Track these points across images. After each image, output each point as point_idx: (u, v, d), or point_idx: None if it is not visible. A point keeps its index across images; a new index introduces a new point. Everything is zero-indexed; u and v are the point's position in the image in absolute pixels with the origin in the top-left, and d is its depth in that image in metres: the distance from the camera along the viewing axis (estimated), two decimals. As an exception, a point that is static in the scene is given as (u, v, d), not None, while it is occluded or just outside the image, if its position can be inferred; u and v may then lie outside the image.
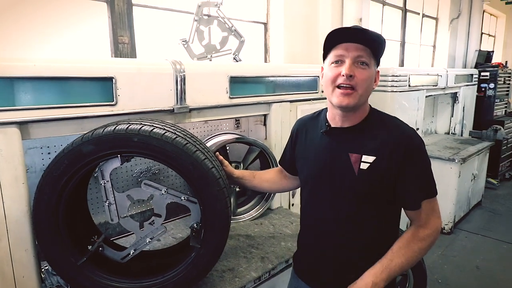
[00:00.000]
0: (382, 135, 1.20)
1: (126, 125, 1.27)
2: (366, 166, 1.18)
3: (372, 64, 1.17)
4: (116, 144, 1.27)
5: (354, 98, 1.16)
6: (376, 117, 1.26)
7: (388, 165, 1.16)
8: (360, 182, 1.20)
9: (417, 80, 3.88)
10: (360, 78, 1.14)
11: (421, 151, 1.20)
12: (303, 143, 1.41)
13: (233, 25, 2.24)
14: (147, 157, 1.34)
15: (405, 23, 5.21)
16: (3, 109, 1.26)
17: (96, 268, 1.42)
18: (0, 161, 1.27)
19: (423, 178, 1.19)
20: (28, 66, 1.29)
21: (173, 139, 1.28)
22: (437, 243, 3.77)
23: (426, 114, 5.03)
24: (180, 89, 1.72)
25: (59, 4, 2.02)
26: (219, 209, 1.35)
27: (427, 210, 1.20)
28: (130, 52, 2.18)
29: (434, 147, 4.37)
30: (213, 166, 1.34)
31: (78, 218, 1.51)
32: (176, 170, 1.34)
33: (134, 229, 1.47)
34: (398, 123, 1.25)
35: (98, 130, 1.27)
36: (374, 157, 1.18)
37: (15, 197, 1.31)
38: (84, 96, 1.45)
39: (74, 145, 1.25)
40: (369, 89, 1.19)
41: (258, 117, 2.52)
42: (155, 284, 1.41)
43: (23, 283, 1.36)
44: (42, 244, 1.32)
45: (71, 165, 1.26)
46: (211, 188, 1.33)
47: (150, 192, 1.44)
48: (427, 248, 1.21)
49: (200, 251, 1.40)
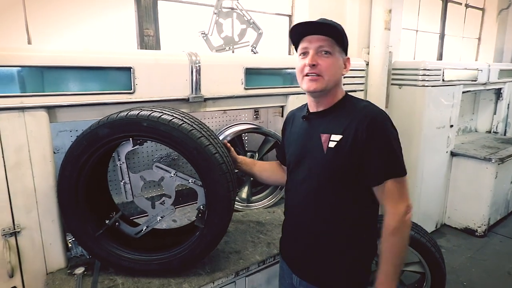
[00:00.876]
0: (351, 115, 1.25)
1: (137, 111, 1.39)
2: (333, 145, 1.24)
3: (336, 52, 1.26)
4: (128, 128, 1.39)
5: (320, 83, 1.25)
6: (348, 101, 1.33)
7: (353, 142, 1.21)
8: (328, 159, 1.26)
9: (453, 74, 3.69)
10: (324, 66, 1.24)
11: (385, 127, 1.22)
12: (289, 133, 1.50)
13: (251, 17, 2.29)
14: (156, 141, 1.44)
15: (445, 14, 4.93)
16: (34, 95, 1.42)
17: (112, 240, 1.56)
18: (31, 141, 1.44)
19: (386, 153, 1.21)
20: (55, 56, 1.44)
21: (179, 125, 1.38)
22: (466, 246, 3.64)
23: (464, 111, 4.76)
24: (196, 79, 1.81)
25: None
26: (222, 193, 1.43)
27: (393, 192, 1.21)
28: (154, 44, 2.31)
29: (470, 146, 4.14)
30: (216, 152, 1.42)
31: (98, 195, 1.67)
32: (182, 154, 1.43)
33: (147, 207, 1.60)
34: (367, 104, 1.29)
35: (113, 115, 1.39)
36: (341, 135, 1.24)
37: (44, 173, 1.48)
38: (105, 84, 1.58)
39: (92, 128, 1.39)
40: (336, 74, 1.27)
41: (276, 108, 2.57)
42: (163, 258, 1.52)
43: (50, 249, 1.54)
44: (64, 215, 1.49)
45: (89, 146, 1.40)
46: (214, 172, 1.41)
47: (160, 174, 1.56)
48: (401, 240, 1.24)
49: (203, 231, 1.49)
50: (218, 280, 1.54)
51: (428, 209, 3.83)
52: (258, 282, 1.74)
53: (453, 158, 3.93)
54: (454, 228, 4.04)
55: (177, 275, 1.54)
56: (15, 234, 1.45)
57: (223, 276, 1.55)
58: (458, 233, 3.95)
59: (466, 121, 4.92)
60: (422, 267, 2.44)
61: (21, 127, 1.41)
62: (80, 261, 1.60)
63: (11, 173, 1.41)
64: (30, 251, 1.50)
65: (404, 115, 3.55)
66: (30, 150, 1.44)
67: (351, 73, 2.57)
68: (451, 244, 3.73)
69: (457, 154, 3.90)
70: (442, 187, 3.95)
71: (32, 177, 1.46)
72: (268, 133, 2.27)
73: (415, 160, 3.57)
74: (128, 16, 2.24)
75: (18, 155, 1.42)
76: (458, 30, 5.30)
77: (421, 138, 3.51)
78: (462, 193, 3.93)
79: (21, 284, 1.50)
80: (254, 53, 2.31)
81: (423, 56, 4.78)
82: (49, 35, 2.07)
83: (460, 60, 5.45)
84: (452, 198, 4.02)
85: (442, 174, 3.89)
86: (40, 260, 1.52)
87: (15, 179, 1.42)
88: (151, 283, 1.50)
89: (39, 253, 1.52)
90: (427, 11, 4.71)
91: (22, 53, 1.40)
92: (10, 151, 1.40)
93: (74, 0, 2.12)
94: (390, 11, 3.18)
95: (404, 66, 3.54)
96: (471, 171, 3.83)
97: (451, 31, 5.16)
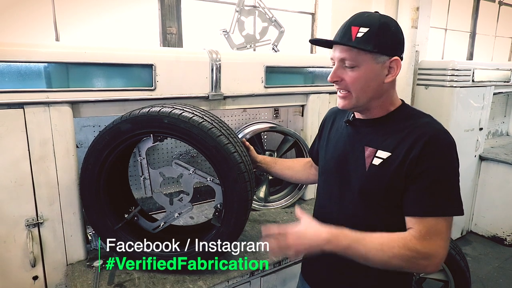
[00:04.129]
0: (406, 131, 1.06)
1: (159, 107, 1.40)
2: (379, 162, 1.07)
3: (365, 61, 1.05)
4: (149, 124, 1.40)
5: (349, 101, 1.11)
6: (405, 112, 1.13)
7: (401, 164, 1.02)
8: (368, 178, 1.09)
9: (484, 75, 3.53)
10: (349, 81, 1.08)
11: (444, 153, 1.01)
12: (327, 133, 1.36)
13: (273, 15, 2.26)
14: (176, 138, 1.45)
15: (477, 12, 4.72)
16: (59, 90, 1.46)
17: (131, 234, 1.58)
18: (55, 135, 1.48)
19: (437, 186, 0.99)
20: (80, 53, 1.48)
21: (199, 123, 1.38)
22: (494, 255, 3.48)
23: (495, 114, 4.56)
24: (216, 77, 1.81)
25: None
26: (239, 192, 1.42)
27: (431, 228, 0.98)
28: (177, 42, 2.33)
29: (500, 150, 3.95)
30: (235, 150, 1.41)
31: (119, 190, 1.70)
32: (201, 152, 1.43)
33: (165, 203, 1.61)
34: (429, 120, 1.08)
35: (135, 111, 1.41)
36: (389, 153, 1.06)
37: (66, 167, 1.52)
38: (127, 81, 1.60)
39: (114, 123, 1.41)
40: (367, 88, 1.07)
41: (297, 108, 2.53)
42: (182, 254, 1.53)
43: (70, 241, 1.58)
44: (85, 207, 1.52)
45: (111, 140, 1.42)
46: (232, 171, 1.40)
47: (179, 171, 1.57)
48: (404, 262, 0.98)
49: (220, 230, 1.49)
50: (233, 279, 1.53)
51: (453, 215, 3.68)
52: (273, 283, 1.72)
53: (482, 162, 3.77)
54: (481, 235, 3.88)
55: (192, 271, 1.54)
56: (38, 225, 1.50)
57: (238, 275, 1.54)
58: (485, 241, 3.78)
59: (497, 124, 4.70)
60: (446, 276, 2.35)
61: (46, 122, 1.45)
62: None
63: (36, 166, 1.46)
64: (52, 242, 1.54)
65: (430, 116, 3.42)
66: (54, 144, 1.48)
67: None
68: (477, 252, 3.57)
69: (486, 158, 3.73)
70: (469, 193, 3.79)
71: (55, 170, 1.50)
72: (288, 132, 2.24)
73: (440, 163, 3.43)
74: (152, 14, 2.28)
75: (43, 148, 1.46)
76: (490, 29, 5.07)
77: (447, 141, 3.38)
78: (491, 199, 3.75)
79: (43, 274, 1.55)
80: (275, 51, 2.29)
81: (452, 56, 4.60)
82: (76, 33, 2.13)
83: (492, 60, 5.21)
84: (480, 204, 3.85)
85: (469, 178, 3.73)
86: (61, 251, 1.57)
87: (40, 171, 1.47)
88: (166, 278, 1.51)
89: (60, 245, 1.56)
90: (457, 9, 4.53)
91: (49, 49, 1.44)
92: (35, 144, 1.44)
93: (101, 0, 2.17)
94: (417, 8, 3.07)
95: (432, 66, 3.42)
96: (501, 177, 3.65)
97: (483, 30, 4.94)
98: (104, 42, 2.24)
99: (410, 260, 0.98)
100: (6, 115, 1.38)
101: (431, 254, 0.97)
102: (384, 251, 0.99)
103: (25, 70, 1.39)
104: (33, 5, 2.01)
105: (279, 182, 2.49)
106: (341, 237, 1.03)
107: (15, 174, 1.43)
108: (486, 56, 5.14)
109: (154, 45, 2.35)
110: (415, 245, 0.97)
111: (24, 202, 1.46)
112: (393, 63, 1.07)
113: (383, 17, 1.07)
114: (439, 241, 0.98)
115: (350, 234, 1.03)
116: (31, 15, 2.02)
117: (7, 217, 1.45)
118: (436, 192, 1.00)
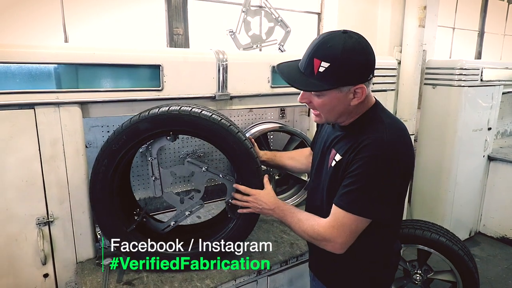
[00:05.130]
0: (359, 138, 1.13)
1: (178, 106, 1.43)
2: (333, 164, 1.20)
3: (328, 92, 1.11)
4: (170, 123, 1.43)
5: (320, 118, 1.22)
6: (367, 119, 1.18)
7: (346, 165, 1.15)
8: (327, 177, 1.24)
9: (493, 74, 3.48)
10: (316, 105, 1.17)
11: (375, 160, 1.07)
12: (320, 132, 1.47)
13: (279, 15, 2.27)
14: (196, 136, 1.51)
15: (485, 11, 4.67)
16: (69, 91, 1.48)
17: (141, 236, 1.59)
18: (65, 135, 1.50)
19: (355, 186, 1.10)
20: (89, 54, 1.50)
21: (219, 121, 1.43)
22: (504, 256, 3.44)
23: (504, 113, 4.50)
24: (222, 78, 1.82)
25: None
26: (258, 184, 1.49)
27: (337, 219, 1.15)
28: (184, 42, 2.35)
29: (509, 150, 3.90)
30: (251, 146, 1.49)
31: (125, 192, 1.71)
32: (220, 148, 1.49)
33: (175, 202, 1.62)
34: (380, 128, 1.13)
35: (153, 110, 1.42)
36: (341, 156, 1.18)
37: (76, 166, 1.54)
38: (135, 81, 1.62)
39: (132, 122, 1.41)
40: (334, 110, 1.16)
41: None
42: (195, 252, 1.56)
43: (80, 239, 1.61)
44: (97, 213, 1.50)
45: (129, 140, 1.42)
46: (251, 165, 1.47)
47: (191, 169, 1.58)
48: (309, 238, 1.24)
49: (238, 222, 1.54)
50: (240, 278, 1.54)
51: (462, 216, 3.65)
52: (280, 282, 1.73)
53: (491, 162, 3.72)
54: (490, 236, 3.83)
55: (200, 269, 1.56)
56: (48, 223, 1.52)
57: (245, 274, 1.55)
58: (494, 242, 3.74)
59: (506, 123, 4.64)
60: (454, 276, 2.33)
61: (56, 122, 1.48)
62: (108, 252, 1.65)
63: (47, 165, 1.48)
64: (62, 241, 1.57)
65: (437, 116, 3.40)
66: (64, 143, 1.50)
67: (381, 72, 2.49)
68: (485, 253, 3.53)
69: (495, 158, 3.69)
70: (477, 193, 3.75)
71: (65, 170, 1.53)
72: (294, 132, 2.24)
73: (448, 163, 3.41)
74: (159, 15, 2.30)
75: (53, 148, 1.49)
76: (499, 28, 5.01)
77: (455, 140, 3.35)
78: (500, 200, 3.71)
79: (53, 272, 1.57)
80: (282, 51, 2.30)
81: (460, 55, 4.56)
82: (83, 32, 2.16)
83: (501, 59, 5.15)
84: (488, 205, 3.81)
85: (477, 179, 3.69)
86: (71, 249, 1.59)
87: (50, 171, 1.49)
88: (174, 277, 1.52)
89: (70, 243, 1.58)
90: (466, 7, 4.48)
91: (59, 51, 1.46)
92: (46, 144, 1.47)
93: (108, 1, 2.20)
94: (425, 7, 3.04)
95: (439, 65, 3.39)
96: (510, 177, 3.61)
97: (492, 29, 4.88)
98: (112, 43, 2.27)
99: (313, 238, 1.22)
100: (17, 116, 1.41)
101: (328, 239, 1.17)
102: (300, 226, 1.26)
103: (35, 71, 1.41)
104: (39, 3, 2.04)
105: (285, 182, 2.49)
106: (280, 209, 1.36)
107: (26, 174, 1.46)
108: (494, 55, 5.08)
109: (161, 46, 2.37)
110: (319, 229, 1.19)
111: (35, 201, 1.49)
112: (358, 89, 1.11)
113: (347, 44, 1.06)
114: (340, 231, 1.15)
115: (287, 209, 1.35)
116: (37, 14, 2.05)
117: (19, 215, 1.47)
118: (352, 191, 1.11)
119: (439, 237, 2.26)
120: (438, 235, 2.28)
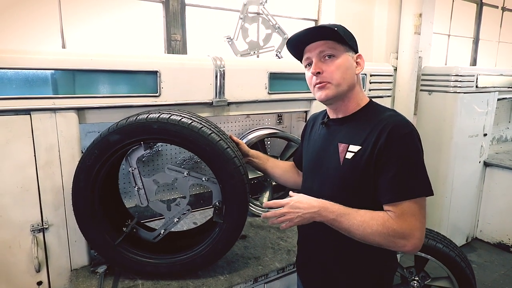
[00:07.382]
0: (372, 124, 1.15)
1: (146, 114, 1.40)
2: (351, 156, 1.16)
3: (341, 52, 1.18)
4: (139, 132, 1.38)
5: (330, 90, 1.19)
6: (371, 108, 1.24)
7: (370, 155, 1.11)
8: (343, 172, 1.17)
9: (488, 80, 3.52)
10: (329, 71, 1.18)
11: (406, 140, 1.08)
12: (308, 137, 1.45)
13: (276, 22, 2.28)
14: (166, 142, 1.46)
15: (480, 18, 4.73)
16: (65, 96, 1.48)
17: (131, 247, 1.56)
18: (61, 141, 1.49)
19: (404, 171, 1.07)
20: (86, 60, 1.50)
21: (189, 124, 1.38)
22: (500, 262, 3.44)
23: (500, 119, 4.54)
24: (220, 84, 1.83)
25: (120, 4, 2.26)
26: (237, 186, 1.44)
27: (404, 211, 1.06)
28: (181, 48, 2.35)
29: (505, 156, 3.93)
30: (228, 146, 1.42)
31: (112, 203, 1.68)
32: (194, 152, 1.44)
33: (162, 210, 1.60)
34: (392, 113, 1.18)
35: (122, 121, 1.40)
36: (359, 146, 1.15)
37: (72, 172, 1.51)
38: (132, 87, 1.62)
39: (102, 136, 1.39)
40: (346, 75, 1.19)
41: (300, 113, 2.54)
42: (186, 258, 1.53)
43: (75, 246, 1.59)
44: (81, 228, 1.48)
45: (101, 154, 1.39)
46: (228, 166, 1.41)
47: (173, 175, 1.56)
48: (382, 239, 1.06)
49: (223, 226, 1.50)
50: (236, 286, 1.53)
51: (458, 221, 3.65)
52: (277, 289, 1.71)
53: (487, 168, 3.74)
54: (487, 242, 3.84)
55: (196, 277, 1.54)
56: (43, 230, 1.51)
57: (242, 281, 1.54)
58: (491, 248, 3.74)
59: (501, 129, 4.68)
60: (451, 283, 2.33)
61: (53, 128, 1.47)
62: (103, 260, 1.64)
63: (42, 171, 1.47)
64: (57, 248, 1.55)
65: (433, 122, 3.42)
66: (60, 149, 1.49)
67: (378, 79, 2.50)
68: (482, 259, 3.53)
69: (491, 164, 3.71)
70: (473, 199, 3.76)
71: (61, 176, 1.52)
72: (291, 138, 2.24)
73: (444, 169, 3.42)
74: (157, 21, 2.30)
75: (49, 154, 1.47)
76: (493, 35, 5.07)
77: (451, 146, 3.37)
78: (496, 205, 3.72)
79: (47, 279, 1.55)
80: (279, 57, 2.31)
81: (455, 62, 4.60)
82: (80, 38, 2.16)
83: (496, 65, 5.20)
84: (485, 211, 3.82)
85: (474, 185, 3.71)
86: (65, 256, 1.57)
87: (45, 177, 1.48)
88: (170, 285, 1.51)
89: (65, 250, 1.57)
90: (461, 15, 4.53)
91: (56, 57, 1.45)
92: (41, 150, 1.46)
93: (106, 5, 2.20)
94: (420, 15, 3.08)
95: (435, 72, 3.42)
96: (506, 183, 3.62)
97: (486, 36, 4.94)
98: (109, 48, 2.27)
99: (387, 238, 1.06)
100: (13, 121, 1.40)
101: (407, 234, 1.05)
102: (365, 228, 1.08)
103: (32, 77, 1.41)
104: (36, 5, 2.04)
105: (282, 188, 2.49)
106: (329, 210, 1.13)
107: (21, 180, 1.44)
108: (489, 61, 5.13)
109: (159, 52, 2.37)
110: (392, 224, 1.06)
111: (29, 207, 1.47)
112: (359, 58, 1.24)
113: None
114: (414, 222, 1.06)
115: (338, 208, 1.13)
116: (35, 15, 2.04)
117: (13, 222, 1.46)
118: (404, 177, 1.07)
119: (436, 244, 2.27)
120: (435, 241, 2.28)
